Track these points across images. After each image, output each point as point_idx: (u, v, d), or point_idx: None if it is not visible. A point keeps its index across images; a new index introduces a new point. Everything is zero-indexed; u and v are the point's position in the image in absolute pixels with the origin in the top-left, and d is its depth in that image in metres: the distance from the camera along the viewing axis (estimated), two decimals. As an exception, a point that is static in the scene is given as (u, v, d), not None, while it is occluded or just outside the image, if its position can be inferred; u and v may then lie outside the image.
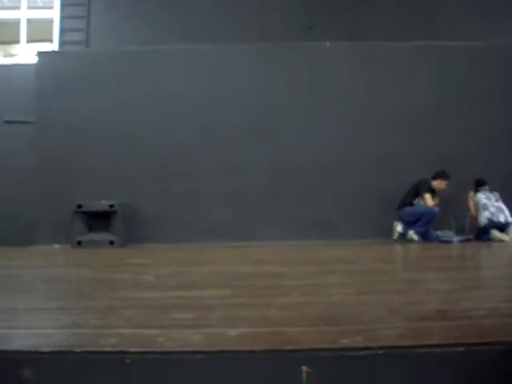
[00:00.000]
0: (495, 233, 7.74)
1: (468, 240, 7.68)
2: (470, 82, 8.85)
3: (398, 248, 7.27)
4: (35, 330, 2.11)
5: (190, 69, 8.85)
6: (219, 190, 8.47)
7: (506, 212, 7.85)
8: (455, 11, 9.92)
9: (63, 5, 9.86)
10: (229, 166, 8.50)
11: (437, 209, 7.90)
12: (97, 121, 8.56)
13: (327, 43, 8.98)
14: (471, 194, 8.16)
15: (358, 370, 1.68)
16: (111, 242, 7.83)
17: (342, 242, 7.65)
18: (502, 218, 7.80)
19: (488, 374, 1.73)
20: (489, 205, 7.91)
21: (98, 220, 8.08)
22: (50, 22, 10.06)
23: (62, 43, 9.85)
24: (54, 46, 9.89)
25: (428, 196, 7.95)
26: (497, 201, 7.95)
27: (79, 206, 7.90)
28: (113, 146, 8.54)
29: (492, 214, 7.82)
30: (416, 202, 8.08)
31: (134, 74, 8.79)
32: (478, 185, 8.16)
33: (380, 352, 1.70)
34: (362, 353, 1.69)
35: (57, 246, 7.90)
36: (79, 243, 7.82)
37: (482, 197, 7.98)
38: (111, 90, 8.71)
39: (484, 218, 7.86)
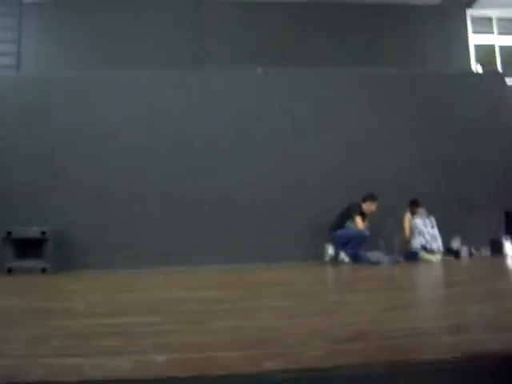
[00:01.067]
0: (424, 254, 8.00)
1: (397, 261, 7.89)
2: (404, 107, 9.19)
3: (329, 270, 7.38)
4: (-43, 363, 2.07)
5: (124, 94, 8.85)
6: (155, 215, 8.46)
7: (439, 241, 8.19)
8: (388, 39, 10.29)
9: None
10: (165, 191, 8.51)
11: (367, 231, 8.10)
12: (27, 145, 8.46)
13: (259, 69, 9.14)
14: (408, 215, 8.39)
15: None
16: (43, 270, 7.69)
17: (277, 264, 7.77)
18: (434, 246, 8.11)
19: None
20: (424, 232, 8.18)
21: (30, 247, 7.92)
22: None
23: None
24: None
25: (358, 219, 8.15)
26: (432, 227, 8.23)
27: (9, 233, 7.72)
28: (45, 171, 8.43)
29: (426, 241, 8.12)
30: (347, 224, 8.27)
31: (66, 99, 8.72)
32: (414, 205, 8.41)
33: (302, 374, 1.75)
34: (284, 375, 1.74)
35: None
36: (9, 271, 7.64)
37: (420, 223, 8.26)
38: (42, 115, 8.62)
39: (417, 243, 8.14)
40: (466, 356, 1.89)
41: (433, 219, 8.37)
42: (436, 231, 8.29)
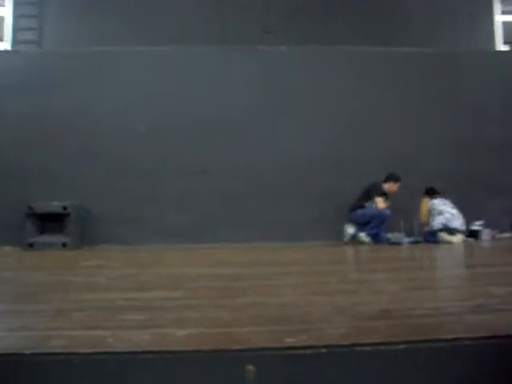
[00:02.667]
0: (444, 235, 7.93)
1: (417, 242, 7.85)
2: (427, 86, 9.06)
3: (350, 250, 7.37)
4: (-18, 333, 2.10)
5: (147, 70, 8.84)
6: (178, 190, 8.47)
7: (461, 220, 8.05)
8: (416, 17, 10.14)
9: (16, 3, 9.69)
10: (188, 166, 8.50)
11: (388, 211, 8.04)
12: (49, 121, 8.47)
13: (283, 47, 9.07)
14: (426, 199, 8.31)
15: (302, 368, 1.72)
16: (64, 244, 7.74)
17: (297, 243, 7.74)
18: (455, 224, 7.99)
19: (428, 369, 1.80)
20: (445, 211, 8.08)
21: (51, 222, 7.98)
22: (2, 20, 9.87)
23: (14, 42, 9.68)
24: (6, 45, 9.72)
25: (379, 199, 8.09)
26: (452, 208, 8.13)
27: (30, 208, 7.79)
28: (66, 146, 8.45)
29: (447, 219, 8.01)
30: (368, 204, 8.22)
31: (87, 75, 8.73)
32: (431, 193, 8.32)
33: (323, 350, 1.75)
34: (307, 351, 1.74)
35: (8, 248, 7.77)
36: (31, 245, 7.71)
37: (440, 203, 8.16)
38: (64, 90, 8.62)
39: (439, 223, 8.04)
40: (489, 336, 1.87)
41: (450, 201, 8.27)
42: (456, 211, 8.19)
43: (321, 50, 9.16)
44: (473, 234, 8.34)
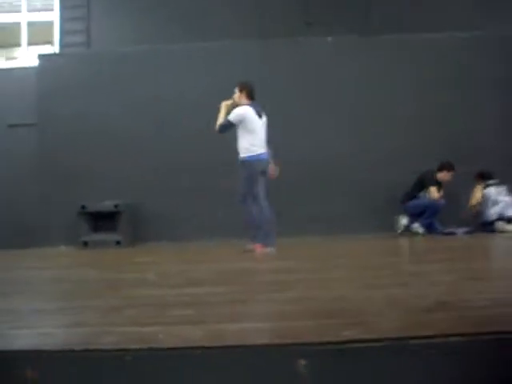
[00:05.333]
0: (500, 224, 7.73)
1: (473, 232, 7.68)
2: (479, 70, 8.83)
3: (403, 241, 7.27)
4: (37, 330, 2.11)
5: (193, 66, 8.89)
6: (228, 186, 8.46)
7: None
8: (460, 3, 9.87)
9: (63, 7, 9.85)
10: (234, 162, 8.49)
11: (442, 201, 7.89)
12: (99, 121, 8.59)
13: (329, 38, 8.97)
14: (479, 185, 8.11)
15: (356, 361, 1.68)
16: (117, 242, 7.86)
17: (348, 236, 7.67)
18: (511, 212, 7.80)
19: (488, 362, 1.73)
20: (499, 200, 7.89)
21: (104, 220, 8.11)
22: (51, 24, 10.06)
23: (62, 45, 9.85)
24: (55, 49, 9.89)
25: (433, 189, 7.94)
26: (506, 195, 7.93)
27: (83, 207, 7.92)
28: (115, 146, 8.56)
29: (502, 208, 7.82)
30: (421, 194, 8.08)
31: (136, 74, 8.83)
32: (486, 177, 8.11)
33: (379, 344, 1.69)
34: (361, 345, 1.69)
35: (63, 247, 7.93)
36: (85, 244, 7.86)
37: (494, 192, 7.96)
38: (113, 91, 8.74)
39: (494, 213, 7.86)
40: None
41: (506, 187, 8.04)
42: (511, 197, 7.97)
43: (363, 41, 9.02)
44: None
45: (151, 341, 1.81)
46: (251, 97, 6.31)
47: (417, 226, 8.02)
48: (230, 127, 6.15)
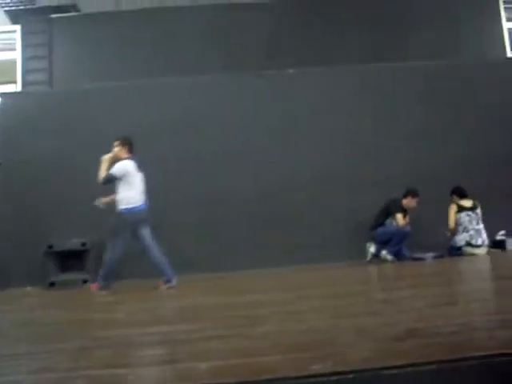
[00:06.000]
0: (468, 248, 7.85)
1: (441, 256, 7.76)
2: (440, 99, 9.02)
3: (372, 269, 7.29)
4: (4, 378, 2.07)
5: (158, 102, 8.87)
6: (192, 220, 8.43)
7: (484, 235, 7.98)
8: (417, 33, 10.13)
9: (25, 46, 9.83)
10: (201, 196, 8.47)
11: (408, 228, 7.96)
12: (63, 159, 8.48)
13: (290, 70, 9.09)
14: (454, 207, 8.19)
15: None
16: (85, 281, 7.72)
17: (318, 265, 7.66)
18: (479, 241, 7.92)
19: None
20: (469, 228, 7.99)
21: (71, 259, 7.97)
22: (13, 63, 10.01)
23: (25, 84, 9.80)
24: (17, 87, 9.84)
25: (399, 216, 8.00)
26: (478, 223, 8.03)
27: (50, 247, 7.80)
28: (81, 184, 8.45)
29: (471, 236, 7.95)
30: (388, 222, 8.14)
31: (99, 111, 8.79)
32: (459, 194, 8.22)
33: (350, 376, 1.69)
34: (332, 378, 1.68)
35: (29, 288, 7.77)
36: (52, 284, 7.70)
37: (466, 219, 8.05)
38: (75, 127, 8.67)
39: (462, 239, 7.97)
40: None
41: (479, 211, 8.15)
42: (481, 226, 8.08)
43: (327, 71, 9.16)
44: (497, 245, 8.22)
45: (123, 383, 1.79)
46: (131, 151, 6.73)
47: (385, 254, 8.07)
48: (112, 180, 6.46)
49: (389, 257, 7.98)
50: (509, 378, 1.75)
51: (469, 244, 7.92)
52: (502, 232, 8.26)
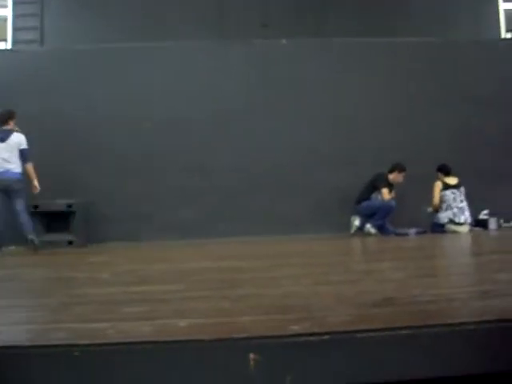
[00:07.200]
0: (450, 226, 7.92)
1: (424, 232, 7.84)
2: (430, 76, 9.00)
3: (356, 241, 7.36)
4: (-16, 328, 2.09)
5: (147, 66, 8.81)
6: (180, 186, 8.43)
7: (467, 213, 8.05)
8: (415, 8, 10.07)
9: (16, 3, 9.68)
10: (189, 162, 8.46)
11: (393, 202, 8.01)
12: (52, 119, 8.41)
13: (283, 40, 9.03)
14: (439, 184, 8.23)
15: (304, 355, 1.71)
16: (70, 242, 7.72)
17: (302, 236, 7.71)
18: (462, 219, 7.99)
19: (431, 355, 1.78)
20: (453, 206, 8.05)
21: (56, 220, 7.95)
22: (3, 20, 9.86)
23: (15, 42, 9.67)
24: (7, 45, 9.71)
25: (385, 190, 8.05)
26: (461, 201, 8.09)
27: (35, 207, 7.77)
28: (69, 144, 8.41)
29: (454, 214, 8.02)
30: (373, 196, 8.18)
31: (89, 72, 8.71)
32: (444, 172, 8.25)
33: (326, 337, 1.73)
34: (309, 339, 1.72)
35: (13, 247, 7.75)
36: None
37: (451, 197, 8.11)
38: (66, 88, 8.60)
39: (445, 217, 8.04)
40: (494, 320, 1.84)
41: (462, 189, 8.20)
42: (465, 203, 8.14)
43: (320, 43, 9.11)
44: (480, 224, 8.31)
45: (100, 336, 1.81)
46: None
47: (369, 227, 8.13)
48: None
49: (372, 230, 8.04)
50: (478, 345, 1.79)
51: (452, 221, 8.01)
52: (485, 211, 8.37)
